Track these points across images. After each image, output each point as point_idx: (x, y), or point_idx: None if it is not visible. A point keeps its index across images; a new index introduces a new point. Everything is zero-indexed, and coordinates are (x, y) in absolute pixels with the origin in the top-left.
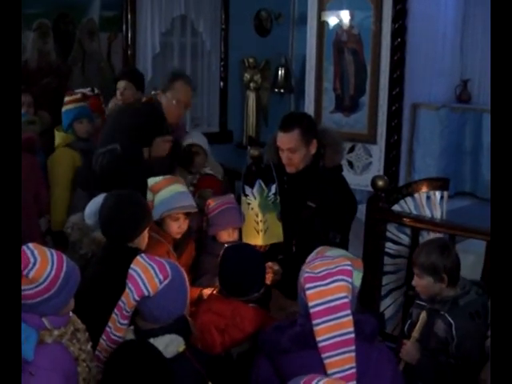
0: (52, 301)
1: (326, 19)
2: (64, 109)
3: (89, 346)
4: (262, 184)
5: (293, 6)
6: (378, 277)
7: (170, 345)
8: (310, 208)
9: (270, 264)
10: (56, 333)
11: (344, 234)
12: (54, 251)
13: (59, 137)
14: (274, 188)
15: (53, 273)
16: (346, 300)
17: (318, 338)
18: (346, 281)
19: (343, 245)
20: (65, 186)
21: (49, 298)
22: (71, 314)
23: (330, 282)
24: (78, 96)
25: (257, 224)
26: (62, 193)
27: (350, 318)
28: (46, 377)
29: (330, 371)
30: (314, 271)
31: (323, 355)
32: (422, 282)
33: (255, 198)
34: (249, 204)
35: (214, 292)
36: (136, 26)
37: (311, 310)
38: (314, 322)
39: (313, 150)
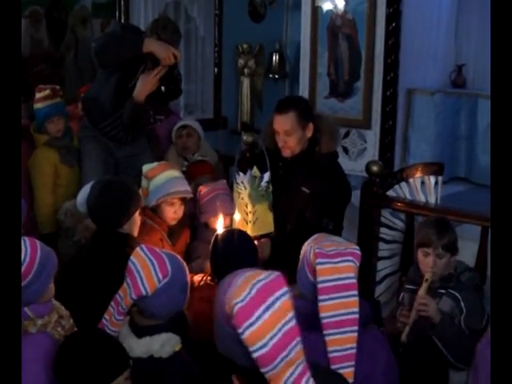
0: (31, 287)
1: (320, 4)
2: (34, 107)
3: None
4: (256, 172)
5: None
6: (373, 262)
7: (166, 344)
8: (303, 194)
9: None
10: (40, 322)
11: (337, 221)
12: (26, 238)
13: (35, 137)
14: (267, 176)
15: (27, 259)
16: (353, 280)
17: (322, 315)
18: (355, 263)
19: (336, 232)
20: (47, 188)
21: (27, 285)
22: (54, 301)
23: (339, 260)
24: (47, 93)
25: (246, 215)
26: (44, 195)
27: (356, 298)
28: (33, 367)
29: (330, 349)
30: (325, 249)
31: (325, 332)
32: (442, 262)
33: (245, 188)
34: (239, 193)
35: (205, 279)
36: (129, 12)
37: (319, 286)
38: (320, 297)
39: (309, 133)
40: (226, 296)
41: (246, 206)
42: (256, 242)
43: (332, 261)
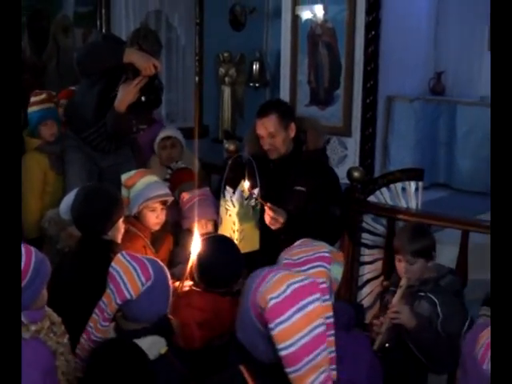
0: (25, 293)
1: (300, 13)
2: (29, 110)
3: (66, 339)
4: (244, 186)
5: (267, 0)
6: (355, 267)
7: (152, 347)
8: (300, 193)
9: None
10: (33, 328)
11: (342, 206)
12: (21, 244)
13: (26, 140)
14: (256, 192)
15: (22, 265)
16: (325, 285)
17: None
18: (325, 267)
19: (343, 218)
20: (35, 194)
21: (21, 291)
22: (47, 308)
23: (308, 268)
24: (43, 97)
25: (233, 232)
26: (32, 201)
27: (330, 302)
28: (26, 373)
29: None
30: (293, 258)
31: None
32: (414, 268)
33: (234, 206)
34: (227, 209)
35: (185, 283)
36: (110, 22)
37: None
38: None
39: (292, 133)
40: (260, 289)
41: (234, 224)
42: (267, 209)
43: (301, 269)
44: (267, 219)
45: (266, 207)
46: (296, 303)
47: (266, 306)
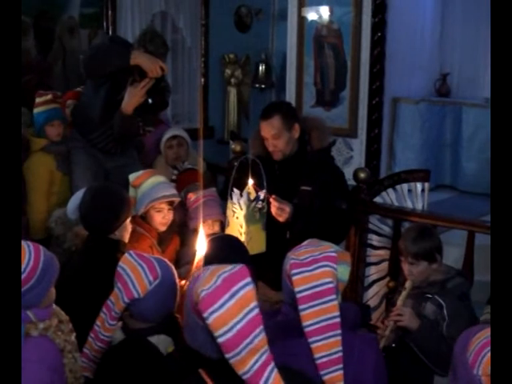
0: (33, 291)
1: (305, 15)
2: (34, 111)
3: (73, 337)
4: (251, 189)
5: (273, 2)
6: (361, 268)
7: (159, 346)
8: (305, 192)
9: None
10: (41, 326)
11: (348, 200)
12: (30, 242)
13: (32, 141)
14: (262, 195)
15: (31, 263)
16: (331, 285)
17: (305, 323)
18: (331, 267)
19: (350, 212)
20: (42, 194)
21: (30, 288)
22: (54, 306)
23: (315, 267)
24: (49, 97)
25: (240, 235)
26: (39, 201)
27: (336, 302)
28: (34, 370)
29: (316, 355)
30: (299, 258)
31: (310, 340)
32: (417, 269)
33: (241, 209)
34: (234, 212)
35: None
36: (116, 23)
37: (297, 296)
38: (301, 307)
39: (296, 134)
40: (194, 286)
41: (241, 227)
42: (272, 201)
43: (307, 269)
44: (273, 210)
45: (270, 199)
46: (227, 291)
47: (198, 298)
